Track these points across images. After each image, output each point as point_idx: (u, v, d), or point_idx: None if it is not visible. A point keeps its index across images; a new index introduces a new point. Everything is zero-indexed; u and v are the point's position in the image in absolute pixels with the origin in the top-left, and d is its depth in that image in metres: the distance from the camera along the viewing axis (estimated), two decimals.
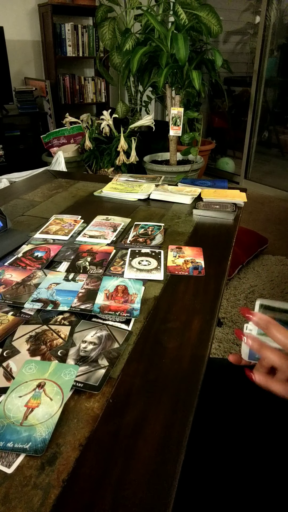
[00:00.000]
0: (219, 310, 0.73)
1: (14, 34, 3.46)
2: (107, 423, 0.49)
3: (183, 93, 2.77)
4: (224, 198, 1.21)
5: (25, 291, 0.75)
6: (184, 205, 1.22)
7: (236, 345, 1.62)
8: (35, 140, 3.48)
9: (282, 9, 3.17)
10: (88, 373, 0.56)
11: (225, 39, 3.76)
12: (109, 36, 2.97)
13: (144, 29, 2.80)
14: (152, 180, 1.41)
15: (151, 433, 0.48)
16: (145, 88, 3.04)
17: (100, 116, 2.59)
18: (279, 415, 0.68)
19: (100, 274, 0.81)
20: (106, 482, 0.42)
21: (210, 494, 0.61)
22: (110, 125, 2.59)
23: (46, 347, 0.61)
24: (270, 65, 3.36)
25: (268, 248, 2.41)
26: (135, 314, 0.69)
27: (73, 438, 0.47)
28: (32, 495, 0.41)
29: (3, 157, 3.33)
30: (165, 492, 0.41)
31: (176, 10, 2.58)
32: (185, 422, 0.49)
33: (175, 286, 0.78)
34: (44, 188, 1.39)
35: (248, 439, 0.66)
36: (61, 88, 3.68)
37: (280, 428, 0.67)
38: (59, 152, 2.35)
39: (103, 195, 1.30)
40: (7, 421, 0.49)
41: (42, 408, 0.50)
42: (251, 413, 0.69)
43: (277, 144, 3.82)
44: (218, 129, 4.15)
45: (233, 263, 2.07)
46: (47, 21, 3.42)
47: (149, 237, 0.99)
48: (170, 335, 0.64)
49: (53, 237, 0.98)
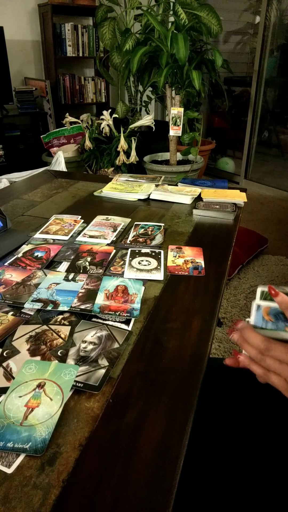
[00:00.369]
0: (219, 310, 0.73)
1: (14, 34, 3.46)
2: (107, 423, 0.49)
3: (183, 93, 2.77)
4: (224, 198, 1.21)
5: (25, 291, 0.75)
6: (184, 205, 1.22)
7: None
8: (35, 140, 3.48)
9: (282, 9, 3.17)
10: (88, 373, 0.56)
11: (225, 39, 3.76)
12: (109, 36, 2.96)
13: (144, 29, 2.80)
14: (152, 180, 1.41)
15: (151, 433, 0.48)
16: (145, 88, 3.04)
17: (100, 116, 2.59)
18: (279, 415, 0.68)
19: (100, 274, 0.81)
20: (106, 482, 0.42)
21: (210, 494, 0.61)
22: (110, 125, 2.59)
23: (46, 347, 0.61)
24: (270, 65, 3.35)
25: (268, 248, 2.41)
26: (135, 314, 0.69)
27: (73, 438, 0.47)
28: (32, 495, 0.41)
29: (3, 157, 3.33)
30: (165, 492, 0.41)
31: (176, 10, 2.58)
32: (185, 422, 0.49)
33: (175, 286, 0.78)
34: (44, 188, 1.39)
35: (248, 439, 0.66)
36: (61, 88, 3.68)
37: (280, 428, 0.67)
38: (59, 152, 2.35)
39: (103, 195, 1.30)
40: (7, 421, 0.49)
41: (42, 408, 0.50)
42: (251, 413, 0.69)
43: (277, 144, 3.82)
44: (218, 129, 4.15)
45: (233, 263, 2.07)
46: (47, 21, 3.42)
47: (149, 237, 0.99)
48: (170, 335, 0.64)
49: (53, 237, 0.98)
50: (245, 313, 1.83)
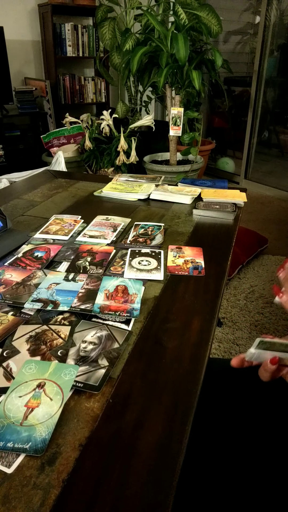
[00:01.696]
0: (219, 310, 0.73)
1: (14, 34, 3.46)
2: (107, 423, 0.49)
3: (183, 93, 2.77)
4: (224, 198, 1.21)
5: (25, 291, 0.75)
6: (184, 205, 1.22)
7: (236, 345, 1.62)
8: (35, 140, 3.48)
9: (282, 9, 3.17)
10: (88, 373, 0.56)
11: (225, 39, 3.76)
12: (109, 36, 2.96)
13: (144, 29, 2.80)
14: (152, 180, 1.41)
15: (151, 433, 0.48)
16: (145, 88, 3.04)
17: (100, 116, 2.59)
18: (279, 414, 0.68)
19: (100, 274, 0.81)
20: (106, 482, 0.42)
21: (210, 494, 0.61)
22: (110, 125, 2.59)
23: (46, 347, 0.61)
24: (270, 65, 3.35)
25: (268, 248, 2.41)
26: (135, 314, 0.69)
27: (73, 438, 0.47)
28: (32, 495, 0.41)
29: (3, 157, 3.33)
30: (165, 492, 0.41)
31: (176, 10, 2.58)
32: (185, 422, 0.49)
33: (175, 286, 0.78)
34: (44, 188, 1.39)
35: (248, 439, 0.66)
36: (61, 88, 3.68)
37: (280, 428, 0.67)
38: (59, 152, 2.35)
39: (103, 195, 1.30)
40: (7, 421, 0.49)
41: (42, 408, 0.50)
42: (251, 413, 0.69)
43: (277, 144, 3.82)
44: (218, 129, 4.15)
45: (233, 263, 2.07)
46: (47, 21, 3.42)
47: (149, 237, 0.99)
48: (170, 335, 0.64)
49: (53, 237, 0.98)
50: (245, 313, 1.83)
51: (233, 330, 1.72)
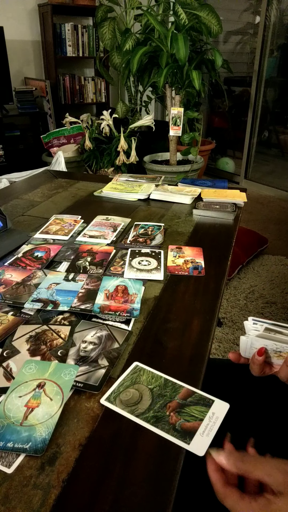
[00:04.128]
0: (219, 310, 0.73)
1: (14, 34, 3.46)
2: (107, 423, 0.49)
3: (183, 93, 2.77)
4: (224, 198, 1.21)
5: (25, 291, 0.75)
6: (184, 205, 1.22)
7: (236, 345, 1.62)
8: (35, 140, 3.48)
9: (282, 9, 3.17)
10: (88, 373, 0.56)
11: (225, 39, 3.76)
12: (109, 36, 2.96)
13: (144, 29, 2.80)
14: (152, 180, 1.41)
15: (151, 433, 0.48)
16: (145, 88, 3.04)
17: (100, 116, 2.59)
18: (279, 414, 0.68)
19: (100, 274, 0.81)
20: (106, 482, 0.42)
21: (210, 494, 0.61)
22: (110, 125, 2.59)
23: (46, 347, 0.61)
24: (270, 65, 3.35)
25: (268, 248, 2.41)
26: (135, 314, 0.69)
27: (73, 438, 0.47)
28: (32, 495, 0.41)
29: (3, 157, 3.33)
30: (165, 492, 0.41)
31: (176, 10, 2.57)
32: None
33: (175, 286, 0.78)
34: (44, 188, 1.39)
35: (248, 439, 0.66)
36: (61, 88, 3.68)
37: (280, 428, 0.67)
38: (59, 152, 2.35)
39: (103, 195, 1.30)
40: (7, 421, 0.49)
41: (42, 408, 0.50)
42: (251, 413, 0.69)
43: (277, 144, 3.82)
44: (218, 129, 4.15)
45: (233, 263, 2.07)
46: (47, 21, 3.42)
47: (149, 237, 0.99)
48: (170, 335, 0.64)
49: (53, 237, 0.98)
50: (245, 313, 1.83)
51: (233, 330, 1.72)
